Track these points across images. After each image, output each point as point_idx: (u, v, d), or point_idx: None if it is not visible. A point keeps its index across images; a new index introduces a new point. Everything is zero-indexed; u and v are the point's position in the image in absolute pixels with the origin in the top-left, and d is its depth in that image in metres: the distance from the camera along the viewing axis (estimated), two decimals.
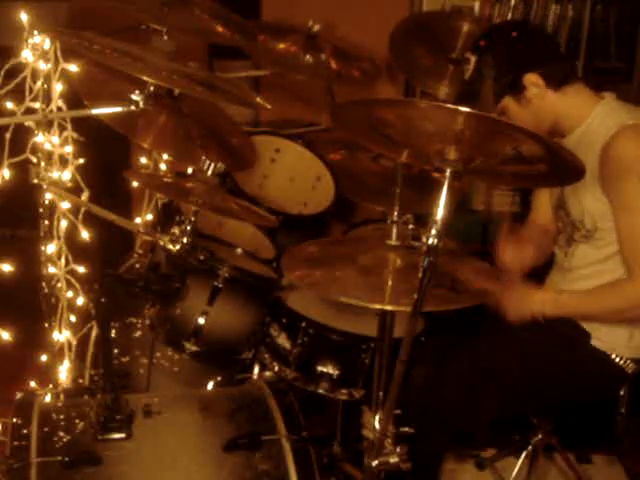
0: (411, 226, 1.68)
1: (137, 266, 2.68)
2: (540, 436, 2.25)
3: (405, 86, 3.66)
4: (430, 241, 1.45)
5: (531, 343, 2.13)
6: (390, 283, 1.60)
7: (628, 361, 2.09)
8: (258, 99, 2.02)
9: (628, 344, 2.09)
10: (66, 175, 2.28)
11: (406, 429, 1.69)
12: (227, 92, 1.93)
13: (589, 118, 2.03)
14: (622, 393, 2.18)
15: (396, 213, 1.73)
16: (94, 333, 2.40)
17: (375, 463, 1.64)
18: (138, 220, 2.84)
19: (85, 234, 2.34)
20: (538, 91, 2.00)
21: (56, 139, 2.24)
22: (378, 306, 1.56)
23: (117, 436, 1.76)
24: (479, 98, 2.03)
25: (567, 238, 2.16)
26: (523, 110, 2.02)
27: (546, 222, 2.33)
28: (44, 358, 2.39)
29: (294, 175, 2.82)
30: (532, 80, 1.99)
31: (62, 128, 2.26)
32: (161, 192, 2.52)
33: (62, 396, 2.22)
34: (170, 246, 1.95)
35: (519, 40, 2.03)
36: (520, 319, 2.10)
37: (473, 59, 2.02)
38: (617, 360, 2.09)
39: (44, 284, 2.30)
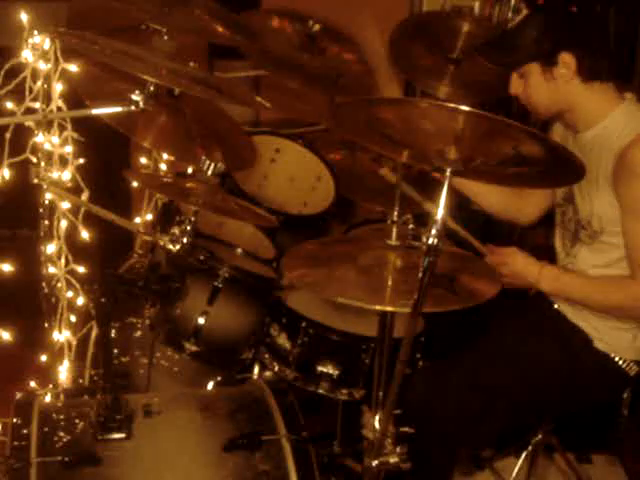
0: (411, 226, 1.68)
1: (137, 266, 2.68)
2: (540, 436, 2.25)
3: (405, 86, 3.66)
4: (430, 241, 1.45)
5: (533, 345, 2.13)
6: (390, 283, 1.60)
7: (631, 363, 2.09)
8: (258, 99, 2.02)
9: (632, 345, 2.09)
10: (66, 175, 2.28)
11: (406, 429, 1.70)
12: (227, 92, 1.93)
13: (607, 119, 2.00)
14: (624, 395, 2.18)
15: (396, 213, 1.73)
16: (94, 333, 2.40)
17: (375, 463, 1.64)
18: (138, 220, 2.84)
19: (85, 234, 2.34)
20: (566, 72, 1.95)
21: (56, 139, 2.24)
22: (378, 307, 1.56)
23: (117, 436, 1.76)
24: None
25: (571, 236, 2.15)
26: (544, 83, 1.98)
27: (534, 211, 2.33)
28: (44, 358, 2.39)
29: (294, 175, 2.82)
30: (567, 60, 1.94)
31: (62, 128, 2.26)
32: (161, 192, 2.52)
33: (62, 396, 2.23)
34: (170, 246, 1.94)
35: (575, 17, 1.97)
36: (514, 286, 2.08)
37: (525, 11, 1.97)
38: (620, 362, 2.09)
39: (44, 284, 2.30)
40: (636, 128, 1.95)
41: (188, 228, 1.95)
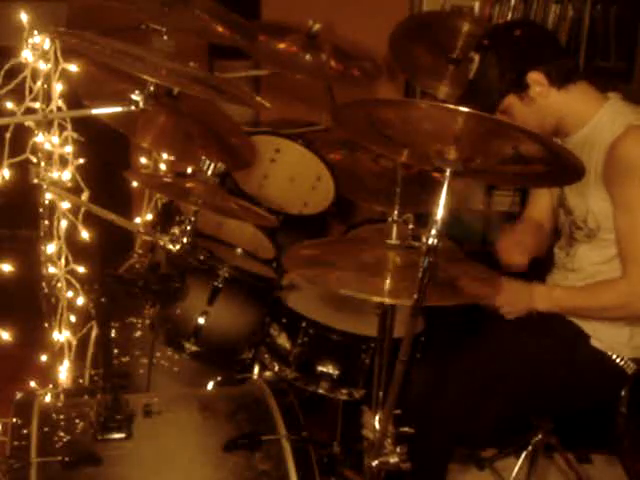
0: (411, 226, 1.68)
1: (137, 266, 2.68)
2: (540, 436, 2.25)
3: (405, 86, 3.67)
4: (430, 241, 1.45)
5: (531, 345, 2.13)
6: (389, 282, 1.60)
7: (628, 361, 2.10)
8: (258, 99, 2.02)
9: (628, 343, 2.09)
10: (66, 175, 2.28)
11: (406, 429, 1.70)
12: (227, 92, 1.93)
13: (594, 118, 2.02)
14: (622, 393, 2.18)
15: (396, 213, 1.73)
16: (94, 333, 2.40)
17: (375, 463, 1.64)
18: (138, 220, 2.84)
19: (85, 234, 2.34)
20: (542, 89, 1.99)
21: (56, 139, 2.24)
22: (377, 298, 1.56)
23: (117, 436, 1.76)
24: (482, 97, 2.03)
25: (568, 238, 2.16)
26: (527, 109, 2.01)
27: (542, 219, 2.33)
28: (44, 358, 2.39)
29: (294, 175, 2.82)
30: (536, 78, 1.98)
31: (62, 128, 2.26)
32: (161, 192, 2.52)
33: (62, 396, 2.23)
34: (170, 246, 1.94)
35: (522, 38, 2.03)
36: (514, 314, 2.10)
37: (477, 58, 2.02)
38: (617, 360, 2.09)
39: (44, 284, 2.30)
40: (624, 122, 1.96)
41: (188, 228, 1.95)
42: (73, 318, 2.40)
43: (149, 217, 2.86)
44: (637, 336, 2.09)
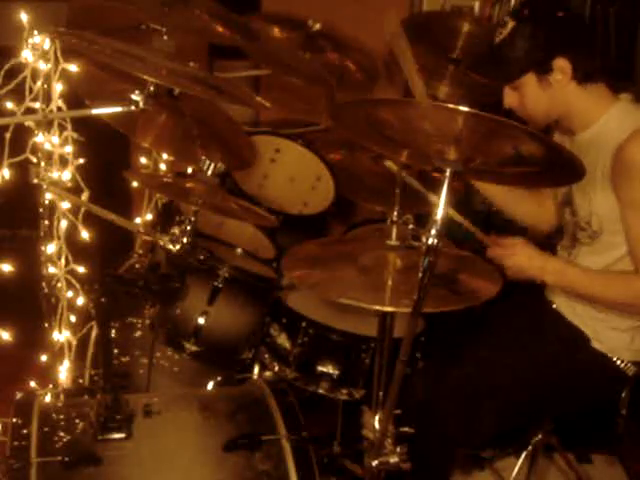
0: (411, 226, 1.68)
1: (137, 266, 2.68)
2: (540, 436, 2.25)
3: (405, 86, 3.66)
4: (430, 241, 1.45)
5: (532, 346, 2.13)
6: (390, 283, 1.60)
7: (629, 364, 2.09)
8: (258, 99, 2.02)
9: (629, 347, 2.09)
10: (66, 175, 2.28)
11: (406, 429, 1.70)
12: (227, 92, 1.93)
13: (602, 118, 2.00)
14: (623, 395, 2.18)
15: (396, 213, 1.73)
16: (94, 333, 2.40)
17: (375, 463, 1.64)
18: (138, 220, 2.84)
19: (85, 234, 2.34)
20: (563, 78, 1.95)
21: (56, 139, 2.24)
22: (378, 307, 1.56)
23: (117, 436, 1.76)
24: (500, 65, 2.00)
25: (571, 238, 2.15)
26: (540, 92, 1.97)
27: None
28: (44, 358, 2.39)
29: (294, 175, 2.82)
30: (562, 65, 1.93)
31: (62, 128, 2.26)
32: (161, 192, 2.52)
33: (62, 396, 2.23)
34: (170, 246, 1.94)
35: (563, 21, 1.97)
36: (518, 276, 2.07)
37: (511, 25, 1.95)
38: (618, 363, 2.09)
39: (44, 284, 2.30)
40: (632, 125, 1.95)
41: (188, 228, 1.95)
42: (73, 318, 2.40)
43: (149, 217, 2.87)
44: (638, 339, 2.09)
